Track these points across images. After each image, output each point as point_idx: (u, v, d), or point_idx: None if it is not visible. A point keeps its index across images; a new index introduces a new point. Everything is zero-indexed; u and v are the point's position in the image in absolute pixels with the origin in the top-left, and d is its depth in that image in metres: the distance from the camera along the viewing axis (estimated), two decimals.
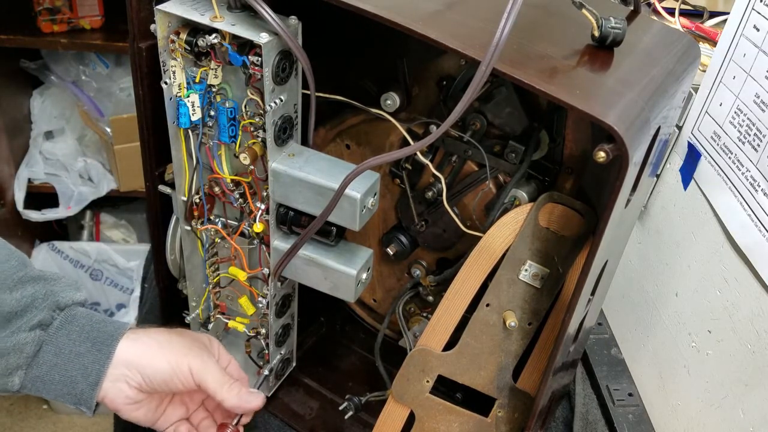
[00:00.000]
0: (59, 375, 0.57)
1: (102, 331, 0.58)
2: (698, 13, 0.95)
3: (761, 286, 0.60)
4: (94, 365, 0.57)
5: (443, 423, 0.69)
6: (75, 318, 0.58)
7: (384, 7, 0.51)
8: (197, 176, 0.65)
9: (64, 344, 0.57)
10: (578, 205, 0.58)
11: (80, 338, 0.57)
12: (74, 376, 0.57)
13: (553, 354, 0.56)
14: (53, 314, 0.58)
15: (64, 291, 0.59)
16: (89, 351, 0.57)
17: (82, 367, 0.57)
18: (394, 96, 0.67)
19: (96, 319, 0.59)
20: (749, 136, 0.63)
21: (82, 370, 0.57)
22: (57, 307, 0.58)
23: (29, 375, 0.56)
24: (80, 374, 0.57)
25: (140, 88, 0.63)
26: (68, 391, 0.57)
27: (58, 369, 0.57)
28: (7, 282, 0.55)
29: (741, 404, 0.63)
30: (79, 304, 0.60)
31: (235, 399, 0.61)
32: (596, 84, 0.50)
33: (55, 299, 0.58)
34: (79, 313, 0.59)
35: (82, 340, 0.57)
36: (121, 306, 1.90)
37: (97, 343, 0.58)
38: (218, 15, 0.55)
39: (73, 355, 0.57)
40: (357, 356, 0.88)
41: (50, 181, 1.76)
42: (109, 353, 0.57)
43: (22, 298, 0.55)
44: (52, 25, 1.54)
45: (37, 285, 0.57)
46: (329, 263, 0.65)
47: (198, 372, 0.60)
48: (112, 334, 0.58)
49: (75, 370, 0.57)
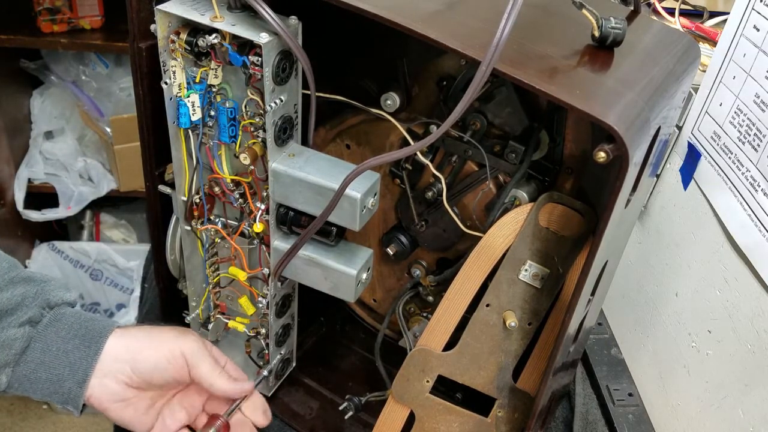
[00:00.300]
0: (46, 373, 0.57)
1: (90, 328, 0.58)
2: (698, 13, 0.95)
3: (761, 286, 0.60)
4: (82, 362, 0.57)
5: (443, 423, 0.69)
6: (64, 316, 0.58)
7: (384, 7, 0.51)
8: (197, 176, 0.65)
9: (52, 341, 0.57)
10: (578, 205, 0.58)
11: (68, 335, 0.57)
12: (61, 373, 0.57)
13: (553, 354, 0.56)
14: (42, 312, 0.58)
15: (55, 291, 0.59)
16: (77, 348, 0.57)
17: (69, 364, 0.57)
18: (394, 96, 0.67)
19: (85, 318, 0.59)
20: (749, 136, 0.63)
21: (70, 367, 0.57)
22: (47, 305, 0.58)
23: (16, 373, 0.56)
24: (68, 371, 0.57)
25: (140, 88, 0.63)
26: (55, 390, 0.57)
27: (45, 367, 0.57)
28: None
29: (741, 404, 0.63)
30: (68, 304, 0.60)
31: (225, 383, 0.61)
32: (596, 84, 0.50)
33: (45, 297, 0.58)
34: (69, 312, 0.59)
35: (71, 337, 0.57)
36: (121, 306, 1.90)
37: (86, 340, 0.57)
38: (218, 15, 0.55)
39: (60, 353, 0.57)
40: (357, 356, 0.88)
41: (50, 181, 1.76)
42: (97, 350, 0.57)
43: (12, 296, 0.56)
44: (52, 25, 1.54)
45: (28, 285, 0.57)
46: (329, 263, 0.65)
47: (191, 355, 0.60)
48: (100, 331, 0.58)
49: (62, 367, 0.57)
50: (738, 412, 0.63)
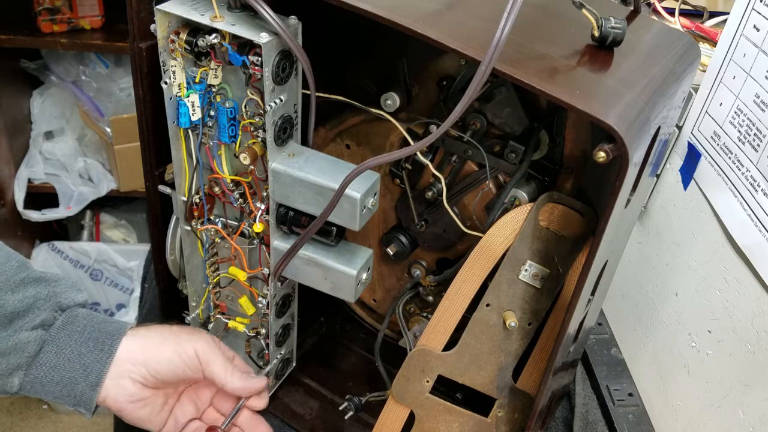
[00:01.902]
0: (59, 376, 0.57)
1: (104, 330, 0.58)
2: (698, 13, 0.95)
3: (761, 286, 0.60)
4: (95, 364, 0.57)
5: (443, 423, 0.69)
6: (76, 318, 0.59)
7: (384, 7, 0.51)
8: (197, 176, 0.65)
9: (65, 344, 0.57)
10: (578, 205, 0.58)
11: (82, 338, 0.58)
12: (74, 376, 0.57)
13: (553, 354, 0.56)
14: (55, 314, 0.58)
15: (66, 292, 0.59)
16: (91, 351, 0.57)
17: (82, 367, 0.57)
18: (394, 96, 0.67)
19: (97, 320, 0.59)
20: (749, 136, 0.63)
21: (83, 370, 0.57)
22: (59, 308, 0.58)
23: (29, 376, 0.56)
24: (81, 374, 0.57)
25: (140, 88, 0.63)
26: (68, 393, 0.57)
27: (58, 370, 0.57)
28: (8, 283, 0.55)
29: (741, 404, 0.63)
30: (80, 305, 0.60)
31: (238, 381, 0.62)
32: (596, 84, 0.50)
33: (57, 300, 0.58)
34: (81, 314, 0.59)
35: (84, 340, 0.58)
36: (121, 306, 1.90)
37: (99, 343, 0.58)
38: (218, 15, 0.55)
39: (74, 355, 0.57)
40: (357, 356, 0.88)
41: (50, 181, 1.76)
42: (111, 352, 0.57)
43: (24, 298, 0.56)
44: (52, 25, 1.54)
45: (39, 286, 0.57)
46: (329, 263, 0.65)
47: (204, 354, 0.61)
48: (113, 333, 0.59)
49: (75, 370, 0.57)
50: (738, 412, 0.63)
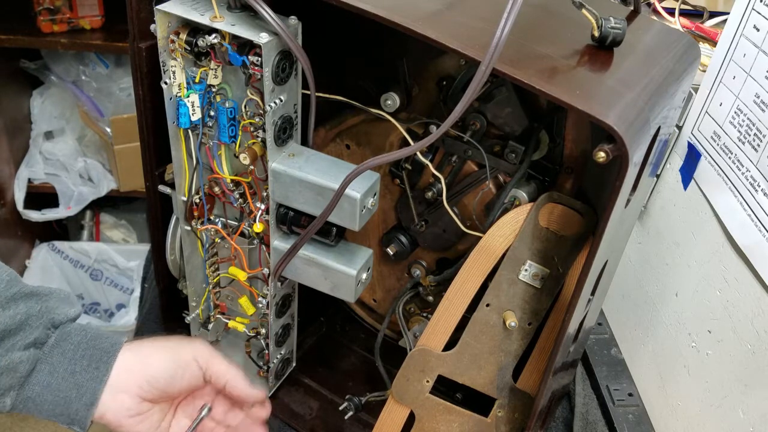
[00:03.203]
0: (52, 395, 0.55)
1: (98, 347, 0.56)
2: (698, 13, 0.96)
3: (761, 286, 0.60)
4: (90, 383, 0.55)
5: (443, 423, 0.69)
6: (70, 335, 0.56)
7: (384, 7, 0.51)
8: (197, 176, 0.65)
9: (59, 363, 0.55)
10: (578, 205, 0.58)
11: (76, 356, 0.55)
12: (68, 396, 0.55)
13: (553, 354, 0.56)
14: (48, 332, 0.55)
15: (59, 307, 0.57)
16: (85, 369, 0.55)
17: (76, 386, 0.55)
18: (394, 96, 0.67)
19: (91, 335, 0.57)
20: (749, 136, 0.63)
21: (77, 389, 0.55)
22: (52, 325, 0.56)
23: (21, 395, 0.54)
24: (75, 394, 0.55)
25: (140, 88, 0.63)
26: (61, 412, 0.55)
27: (52, 389, 0.55)
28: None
29: (741, 404, 0.63)
30: (72, 319, 0.58)
31: (243, 384, 0.61)
32: (596, 84, 0.50)
33: (50, 316, 0.56)
34: (74, 330, 0.57)
35: (78, 357, 0.55)
36: (121, 306, 1.90)
37: (94, 360, 0.56)
38: (218, 15, 0.55)
39: (68, 374, 0.55)
40: (357, 356, 0.88)
41: (50, 181, 1.76)
42: (106, 370, 0.55)
43: (15, 315, 0.53)
44: (52, 25, 1.54)
45: (31, 302, 0.55)
46: (329, 263, 0.65)
47: (203, 357, 0.59)
48: (108, 349, 0.57)
49: (69, 389, 0.55)
50: (738, 412, 0.63)
